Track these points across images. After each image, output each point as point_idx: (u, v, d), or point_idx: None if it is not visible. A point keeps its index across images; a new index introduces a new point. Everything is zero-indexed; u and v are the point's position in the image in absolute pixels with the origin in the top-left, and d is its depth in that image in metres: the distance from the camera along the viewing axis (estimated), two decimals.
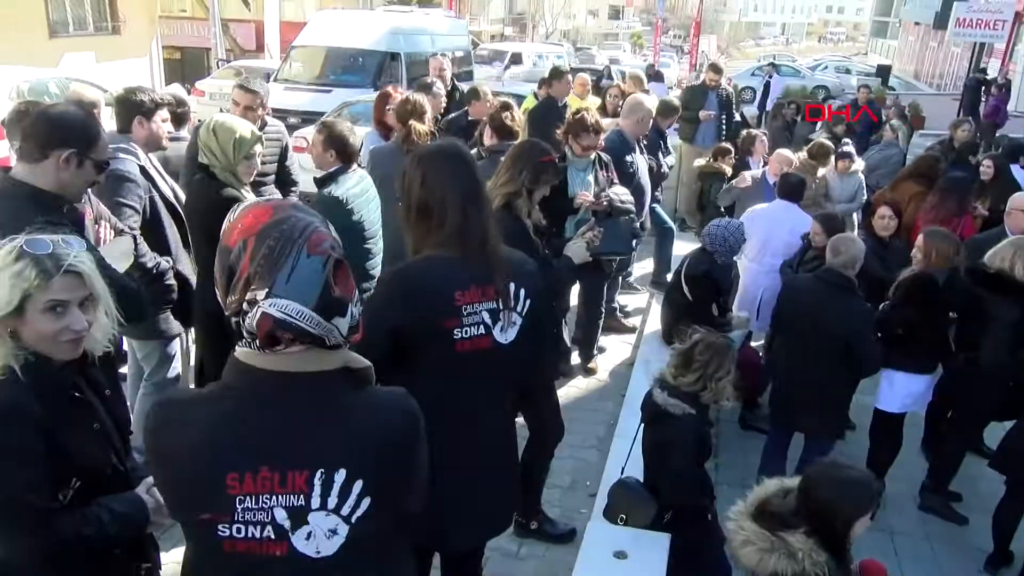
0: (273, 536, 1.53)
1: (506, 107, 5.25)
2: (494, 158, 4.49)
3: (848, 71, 31.77)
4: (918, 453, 5.31)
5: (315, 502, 1.54)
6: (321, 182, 4.15)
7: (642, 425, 3.53)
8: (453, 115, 6.98)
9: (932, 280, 4.37)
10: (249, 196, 3.91)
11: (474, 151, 5.27)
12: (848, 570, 2.48)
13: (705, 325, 3.68)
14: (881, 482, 4.69)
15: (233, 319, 1.54)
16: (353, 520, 1.57)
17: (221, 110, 5.36)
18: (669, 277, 6.05)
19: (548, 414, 4.01)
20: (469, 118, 6.63)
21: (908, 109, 15.76)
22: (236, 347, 1.58)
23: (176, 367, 4.28)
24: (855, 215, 7.73)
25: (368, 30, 15.52)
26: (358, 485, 1.56)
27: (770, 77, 21.62)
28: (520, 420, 4.11)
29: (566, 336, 5.93)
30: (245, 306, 1.49)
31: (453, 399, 2.32)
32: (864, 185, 7.53)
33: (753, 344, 5.90)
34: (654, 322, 6.36)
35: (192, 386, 4.34)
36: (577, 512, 4.45)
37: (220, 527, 1.52)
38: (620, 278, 6.92)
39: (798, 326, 4.34)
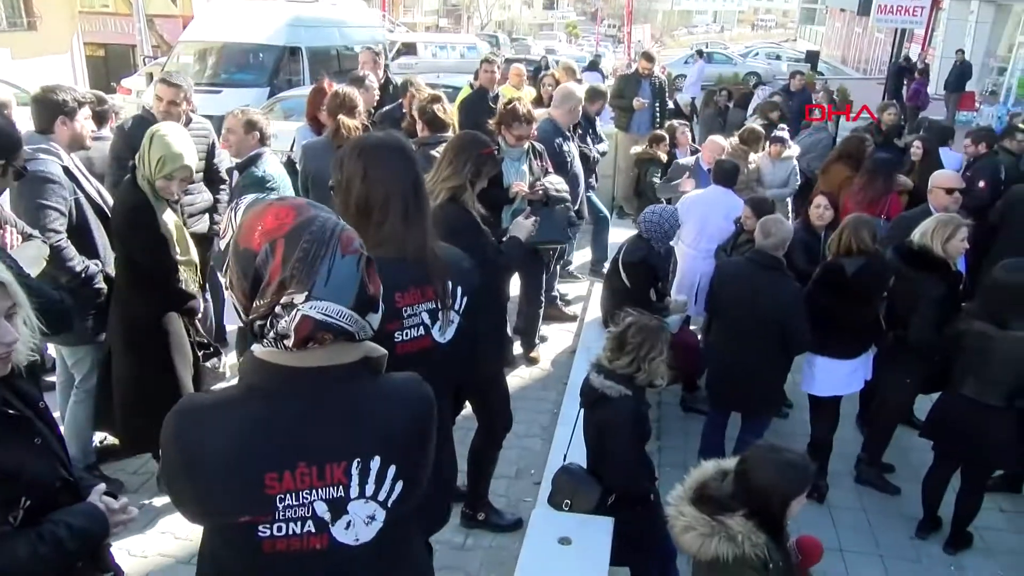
0: (314, 530, 1.55)
1: (435, 99, 5.20)
2: (425, 150, 4.45)
3: (779, 57, 32.39)
4: (854, 428, 5.47)
5: (354, 491, 1.56)
6: (244, 165, 4.39)
7: (582, 410, 3.56)
8: (387, 108, 6.90)
9: (840, 268, 4.45)
10: (167, 212, 3.87)
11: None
12: (785, 548, 2.54)
13: (643, 310, 3.73)
14: (824, 457, 4.84)
15: (257, 323, 1.50)
16: (389, 504, 1.61)
17: (144, 108, 5.19)
18: (607, 265, 6.10)
19: (497, 405, 4.01)
20: (404, 110, 6.57)
21: (836, 94, 16.15)
22: (254, 347, 1.56)
23: None
24: (788, 200, 7.88)
25: (264, 22, 14.12)
26: (392, 470, 1.59)
27: (686, 63, 21.89)
28: (468, 412, 4.14)
29: (508, 327, 5.96)
30: (279, 310, 1.47)
31: None
32: (797, 170, 7.69)
33: (692, 328, 5.99)
34: (594, 309, 6.40)
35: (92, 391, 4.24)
36: (523, 501, 4.47)
37: (260, 528, 1.52)
38: (559, 267, 6.96)
39: (731, 308, 4.42)
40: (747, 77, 24.74)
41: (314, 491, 1.53)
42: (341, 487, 1.55)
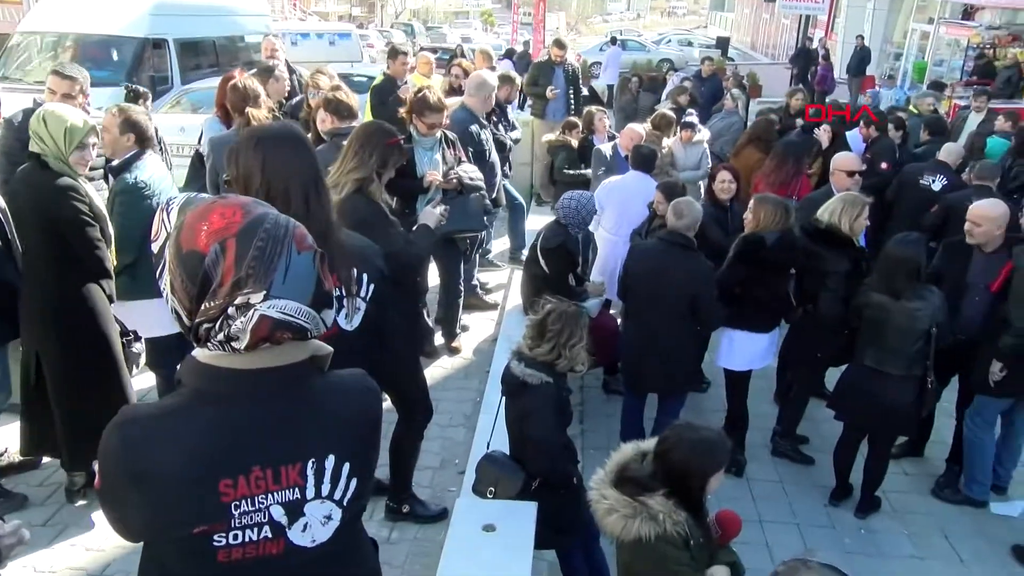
0: (270, 535, 1.51)
1: (337, 87, 5.11)
2: (336, 141, 4.36)
3: (690, 44, 32.98)
4: (770, 404, 5.65)
5: (310, 492, 1.54)
6: (118, 169, 4.05)
7: (504, 398, 3.56)
8: (297, 99, 6.75)
9: (760, 240, 4.60)
10: (86, 184, 3.75)
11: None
12: (705, 524, 2.59)
13: (563, 296, 3.76)
14: (742, 431, 4.98)
15: (204, 326, 1.43)
16: (345, 503, 1.58)
17: (36, 100, 4.92)
18: (526, 252, 6.12)
19: (416, 396, 3.98)
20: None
21: (746, 79, 16.57)
22: (196, 351, 1.51)
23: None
24: (701, 183, 8.05)
25: (122, 10, 12.18)
26: (346, 468, 1.57)
27: (601, 50, 22.10)
28: (389, 404, 4.09)
29: (428, 317, 5.92)
30: (232, 311, 1.40)
31: None
32: (708, 153, 7.85)
33: (612, 312, 6.06)
34: (515, 297, 6.43)
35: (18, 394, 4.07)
36: (448, 491, 4.46)
37: (216, 537, 1.47)
38: (478, 256, 6.95)
39: (644, 289, 4.48)
40: (660, 64, 25.14)
41: (270, 495, 1.49)
42: (297, 489, 1.52)
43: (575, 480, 3.53)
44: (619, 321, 5.83)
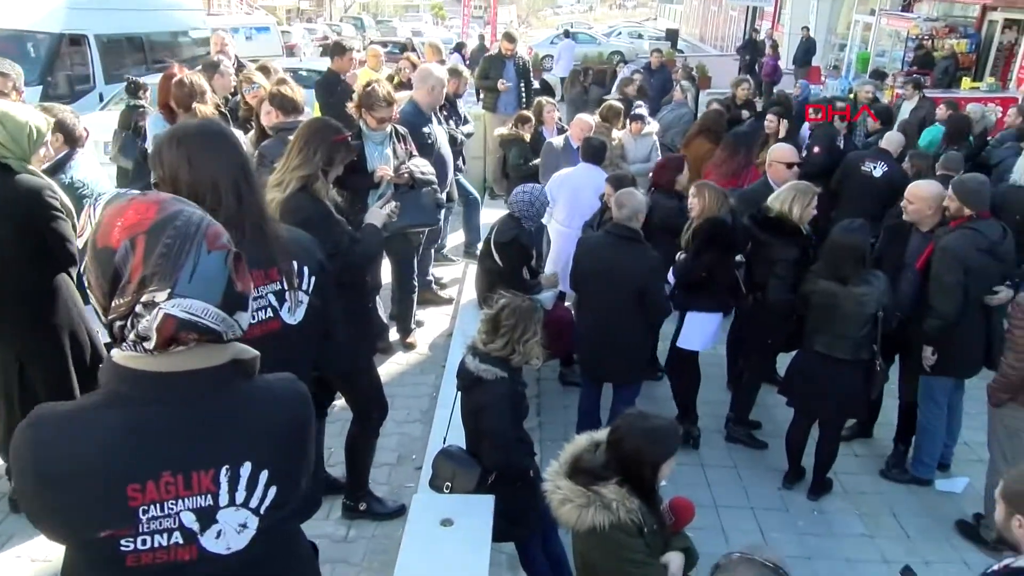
0: (181, 541, 1.48)
1: (282, 81, 5.03)
2: (282, 135, 4.30)
3: (640, 36, 33.16)
4: (723, 391, 5.73)
5: (223, 499, 1.51)
6: (51, 170, 3.92)
7: (459, 393, 3.56)
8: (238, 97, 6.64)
9: (724, 223, 4.70)
10: (49, 180, 3.67)
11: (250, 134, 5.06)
12: (659, 511, 2.62)
13: (517, 289, 3.76)
14: (694, 414, 5.05)
15: (117, 323, 1.41)
16: (262, 511, 1.55)
17: None
18: (480, 246, 6.12)
19: (369, 393, 3.95)
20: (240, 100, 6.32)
21: (696, 70, 16.73)
22: (113, 351, 1.48)
23: None
24: (651, 174, 8.11)
25: (35, 4, 11.22)
26: (264, 475, 1.54)
27: (552, 43, 22.13)
28: (343, 403, 4.06)
29: (382, 313, 5.87)
30: (139, 309, 1.38)
31: None
32: (658, 145, 7.91)
33: (567, 304, 6.09)
34: (470, 291, 6.42)
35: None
36: (405, 487, 4.45)
37: (123, 542, 1.44)
38: (433, 250, 6.92)
39: (593, 281, 4.51)
40: (611, 56, 25.29)
41: (180, 501, 1.47)
42: (209, 495, 1.49)
43: (531, 473, 3.55)
44: (574, 313, 5.87)
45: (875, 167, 6.53)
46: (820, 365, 4.43)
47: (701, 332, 4.96)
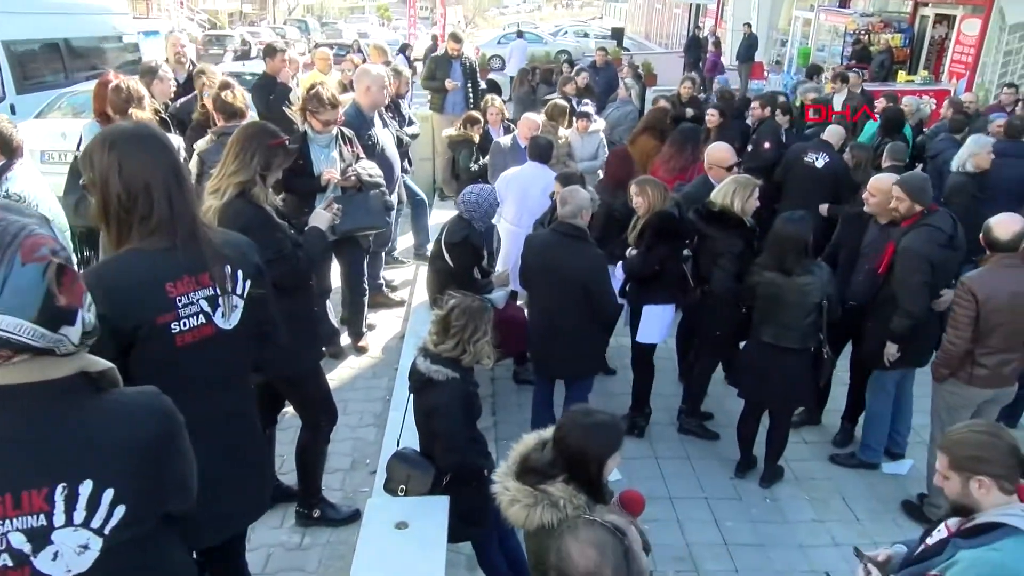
0: (11, 563, 1.41)
1: (225, 85, 4.96)
2: (223, 140, 4.23)
3: (587, 35, 33.31)
4: (675, 383, 5.79)
5: (58, 519, 1.44)
6: None
7: (411, 394, 3.54)
8: (184, 99, 6.53)
9: (672, 215, 4.76)
10: None
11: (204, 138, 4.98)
12: (607, 505, 2.63)
13: (469, 289, 3.75)
14: (647, 407, 5.10)
15: None
16: (107, 531, 1.48)
17: None
18: (431, 247, 6.09)
19: (318, 399, 3.92)
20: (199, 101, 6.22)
21: (641, 68, 16.89)
22: None
23: None
24: (599, 172, 8.16)
25: None
26: (108, 494, 1.47)
27: (499, 43, 22.05)
28: (292, 410, 4.01)
29: (333, 317, 5.82)
30: None
31: (185, 393, 2.11)
32: (605, 143, 7.97)
33: (519, 303, 6.10)
34: (421, 293, 6.39)
35: None
36: (360, 492, 4.42)
37: None
38: (383, 253, 6.88)
39: (541, 280, 4.53)
40: (558, 55, 25.39)
41: (7, 521, 1.40)
42: (43, 515, 1.42)
43: (486, 472, 3.54)
44: (526, 311, 5.88)
45: (817, 158, 6.66)
46: (768, 355, 4.50)
47: (658, 325, 5.04)
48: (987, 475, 2.28)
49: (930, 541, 2.44)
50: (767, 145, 7.43)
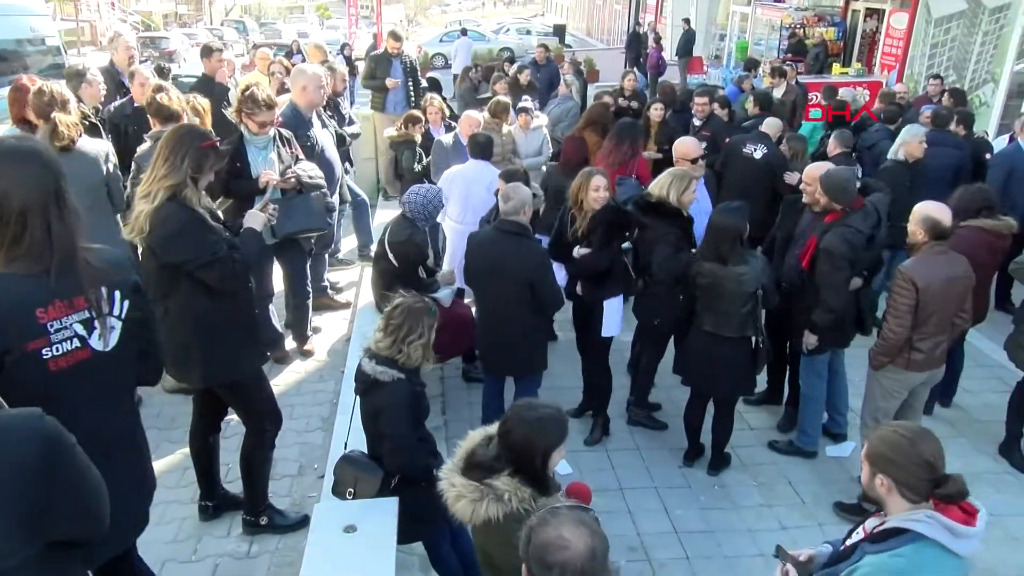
0: None
1: (159, 88, 4.84)
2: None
3: (529, 32, 33.45)
4: (624, 376, 5.83)
5: None
6: None
7: (358, 397, 3.51)
8: (118, 103, 6.36)
9: (619, 207, 4.82)
10: None
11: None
12: (553, 497, 2.63)
13: (414, 289, 3.73)
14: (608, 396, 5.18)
15: None
16: None
17: None
18: (375, 247, 6.04)
19: (261, 406, 3.86)
20: (135, 104, 6.06)
21: (583, 64, 17.00)
22: None
23: None
24: (543, 168, 8.19)
25: None
26: None
27: (441, 40, 21.87)
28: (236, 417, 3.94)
29: (276, 322, 5.74)
30: None
31: (63, 416, 1.94)
32: (548, 138, 8.00)
33: (467, 301, 6.09)
34: (367, 294, 6.34)
35: None
36: (308, 497, 4.35)
37: None
38: (326, 255, 6.80)
39: (485, 276, 4.52)
40: (501, 52, 25.41)
41: None
42: None
43: (435, 472, 3.53)
44: (473, 309, 5.87)
45: (756, 150, 6.79)
46: (709, 344, 4.57)
47: (616, 317, 5.05)
48: (890, 477, 2.26)
49: (850, 542, 2.45)
50: (728, 141, 7.51)
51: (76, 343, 2.20)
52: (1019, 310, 5.05)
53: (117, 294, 2.29)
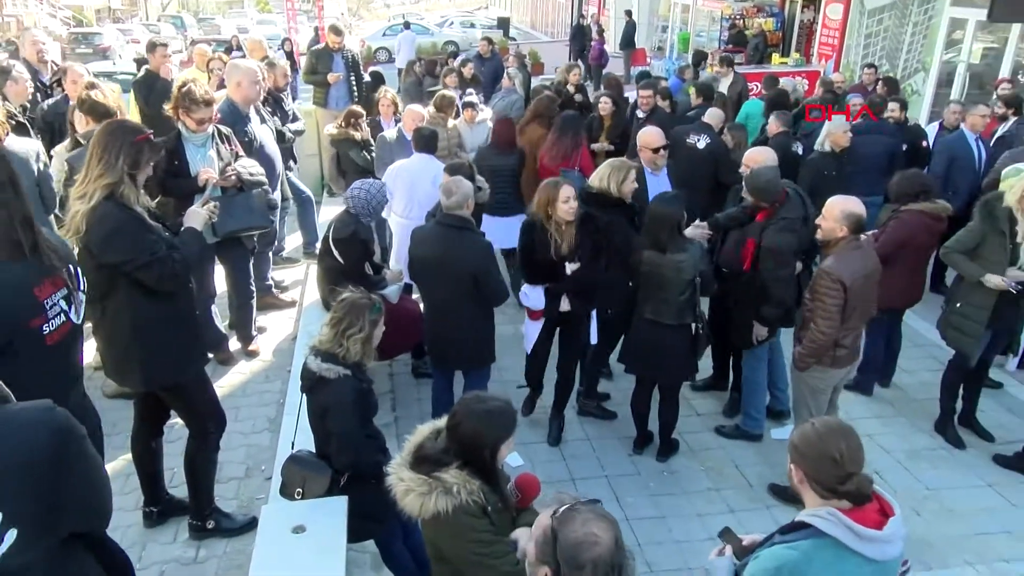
0: None
1: (92, 85, 4.71)
2: None
3: (473, 25, 33.35)
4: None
5: None
6: None
7: (304, 395, 3.47)
8: (53, 100, 6.18)
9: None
10: None
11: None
12: (503, 490, 2.65)
13: (361, 286, 3.70)
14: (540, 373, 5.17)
15: None
16: None
17: None
18: (320, 245, 5.97)
19: (204, 407, 3.80)
20: (71, 103, 5.89)
21: (528, 57, 17.03)
22: None
23: None
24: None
25: None
26: None
27: (384, 35, 21.64)
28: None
29: (219, 322, 5.64)
30: None
31: (50, 391, 2.04)
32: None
33: (415, 296, 6.06)
34: (313, 292, 6.27)
35: None
36: (256, 500, 4.30)
37: None
38: (270, 253, 6.69)
39: (430, 271, 4.51)
40: (445, 46, 25.31)
41: None
42: None
43: (384, 468, 3.51)
44: (421, 304, 5.84)
45: (699, 139, 6.88)
46: (651, 331, 4.62)
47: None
48: (801, 469, 2.29)
49: None
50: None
51: (63, 317, 2.37)
52: (950, 290, 5.24)
53: (78, 271, 2.47)
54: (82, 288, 2.50)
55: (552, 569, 1.87)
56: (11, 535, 1.41)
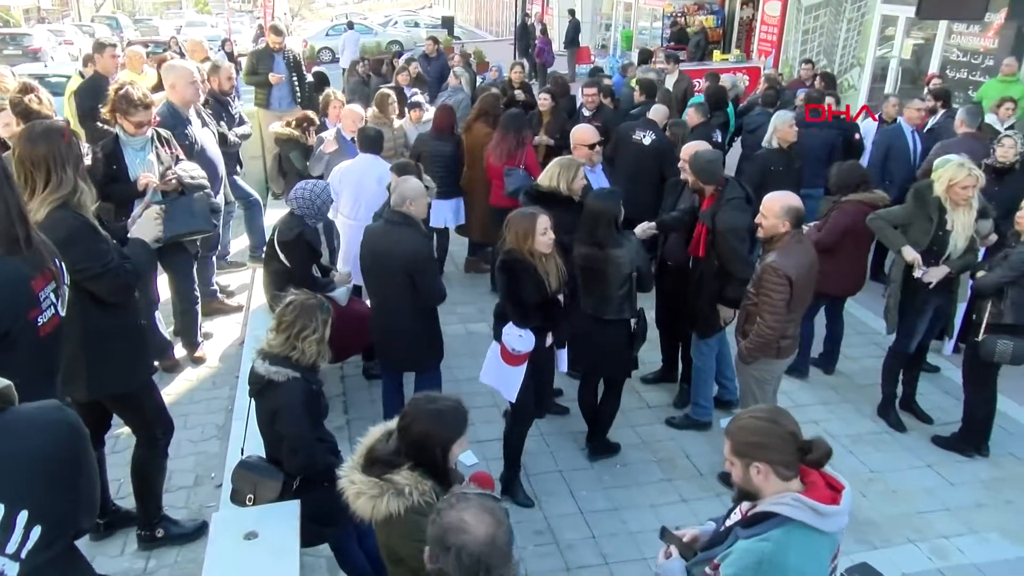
0: None
1: (27, 89, 4.57)
2: None
3: (417, 24, 33.17)
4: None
5: None
6: None
7: (252, 400, 3.42)
8: None
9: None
10: None
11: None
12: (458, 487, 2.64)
13: (309, 288, 3.65)
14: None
15: None
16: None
17: None
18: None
19: (152, 413, 3.73)
20: None
21: (473, 56, 17.01)
22: None
23: None
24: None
25: None
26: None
27: (328, 35, 21.48)
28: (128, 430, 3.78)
29: (163, 329, 5.52)
30: None
31: (38, 384, 2.20)
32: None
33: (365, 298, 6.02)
34: (260, 296, 6.18)
35: None
36: (205, 508, 4.24)
37: None
38: (214, 258, 6.57)
39: (375, 270, 4.49)
40: (390, 45, 25.16)
41: None
42: None
43: (337, 471, 3.48)
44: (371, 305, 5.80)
45: (645, 136, 6.98)
46: (591, 326, 4.64)
47: None
48: (765, 461, 2.30)
49: (729, 522, 2.50)
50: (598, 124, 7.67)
51: (53, 310, 2.40)
52: (888, 276, 5.42)
53: (63, 264, 2.48)
54: (66, 282, 2.51)
55: (433, 551, 1.92)
56: (36, 532, 1.42)
